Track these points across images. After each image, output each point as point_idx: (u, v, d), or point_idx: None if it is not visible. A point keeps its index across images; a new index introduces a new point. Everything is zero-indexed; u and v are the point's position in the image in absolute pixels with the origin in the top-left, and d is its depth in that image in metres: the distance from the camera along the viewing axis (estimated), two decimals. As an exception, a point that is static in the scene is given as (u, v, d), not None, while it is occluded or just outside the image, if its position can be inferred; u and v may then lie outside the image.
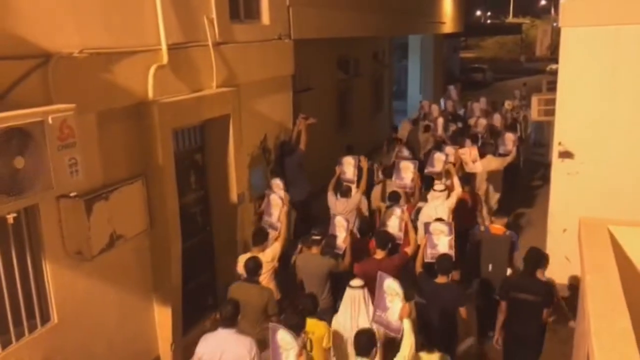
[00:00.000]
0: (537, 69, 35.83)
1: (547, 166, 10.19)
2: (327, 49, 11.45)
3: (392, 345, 4.50)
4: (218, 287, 6.88)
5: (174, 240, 5.59)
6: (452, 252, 5.64)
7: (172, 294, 5.63)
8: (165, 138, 5.35)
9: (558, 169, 6.87)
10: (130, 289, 5.29)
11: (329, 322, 4.75)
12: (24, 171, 3.53)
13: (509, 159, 8.81)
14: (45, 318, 4.45)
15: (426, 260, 5.63)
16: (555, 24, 21.65)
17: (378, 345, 4.14)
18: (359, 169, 7.39)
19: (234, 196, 6.65)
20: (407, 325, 4.20)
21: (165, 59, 5.32)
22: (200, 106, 5.93)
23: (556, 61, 7.20)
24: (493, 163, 8.57)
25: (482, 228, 6.37)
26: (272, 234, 6.28)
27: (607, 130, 6.50)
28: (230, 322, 4.37)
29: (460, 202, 7.06)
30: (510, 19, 60.79)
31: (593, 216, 5.09)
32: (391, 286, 4.46)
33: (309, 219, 8.30)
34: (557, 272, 7.02)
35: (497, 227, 6.14)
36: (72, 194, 4.29)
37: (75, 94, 4.21)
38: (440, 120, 10.75)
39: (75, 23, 4.38)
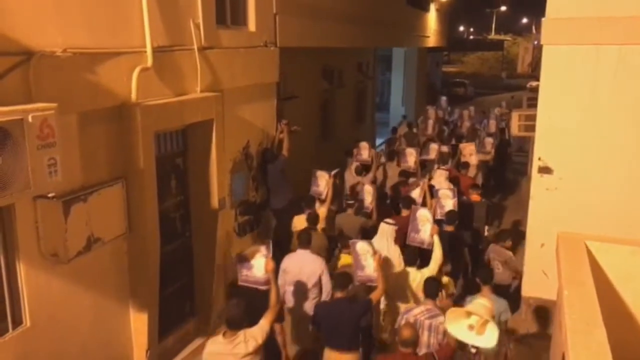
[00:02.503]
0: (517, 86, 36.41)
1: (525, 164, 13.06)
2: (312, 58, 11.48)
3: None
4: (196, 293, 6.80)
5: (153, 245, 5.52)
6: (455, 209, 7.56)
7: (149, 299, 5.55)
8: (147, 141, 5.29)
9: (537, 184, 6.95)
10: (107, 294, 5.20)
11: None
12: (1, 170, 3.45)
13: (488, 157, 11.69)
14: (18, 321, 4.34)
15: (437, 218, 7.27)
16: (536, 42, 22.06)
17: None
18: (372, 158, 9.77)
19: (214, 202, 6.60)
20: (436, 239, 6.10)
21: (149, 61, 5.27)
22: (184, 110, 5.89)
23: (536, 78, 7.36)
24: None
25: (465, 198, 8.55)
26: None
27: (586, 147, 6.61)
28: (307, 244, 5.90)
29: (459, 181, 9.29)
30: (493, 35, 61.85)
31: (571, 231, 5.17)
32: (423, 214, 6.54)
33: (287, 227, 8.30)
34: (534, 287, 7.12)
35: (475, 196, 8.48)
36: (49, 195, 4.22)
37: (56, 93, 4.15)
38: (431, 122, 13.62)
39: (59, 22, 4.33)
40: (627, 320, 4.66)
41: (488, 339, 3.90)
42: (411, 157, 9.84)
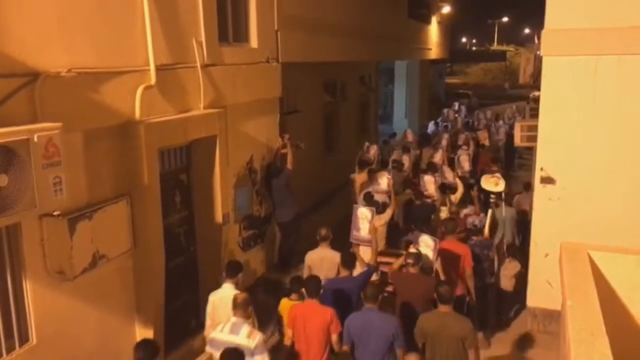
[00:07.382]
0: (520, 96, 36.37)
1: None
2: (314, 72, 11.57)
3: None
4: (202, 308, 6.80)
5: (158, 261, 5.55)
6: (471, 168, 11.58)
7: (155, 315, 5.57)
8: (151, 158, 5.35)
9: (540, 194, 6.96)
10: (112, 310, 5.23)
11: None
12: (7, 189, 3.52)
13: (500, 143, 16.55)
14: (24, 338, 4.37)
15: (459, 175, 10.45)
16: (538, 52, 22.12)
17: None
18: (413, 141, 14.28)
19: (218, 217, 6.64)
20: (458, 180, 9.59)
21: (153, 79, 5.35)
22: (187, 127, 5.95)
23: (538, 89, 7.36)
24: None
25: (485, 168, 11.48)
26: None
27: (588, 157, 6.61)
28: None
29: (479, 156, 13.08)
30: (495, 46, 61.94)
31: (574, 241, 5.16)
32: (446, 168, 10.38)
33: (295, 240, 8.32)
34: (539, 297, 7.09)
35: (495, 168, 11.03)
36: (55, 213, 4.27)
37: (61, 112, 4.21)
38: (460, 119, 19.98)
39: (63, 42, 4.41)
40: (631, 330, 4.64)
41: (500, 187, 8.38)
42: (444, 140, 14.10)
